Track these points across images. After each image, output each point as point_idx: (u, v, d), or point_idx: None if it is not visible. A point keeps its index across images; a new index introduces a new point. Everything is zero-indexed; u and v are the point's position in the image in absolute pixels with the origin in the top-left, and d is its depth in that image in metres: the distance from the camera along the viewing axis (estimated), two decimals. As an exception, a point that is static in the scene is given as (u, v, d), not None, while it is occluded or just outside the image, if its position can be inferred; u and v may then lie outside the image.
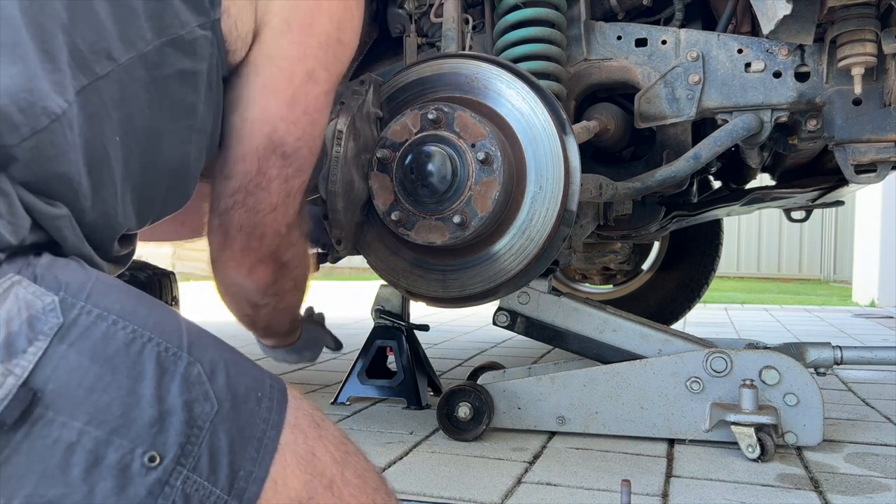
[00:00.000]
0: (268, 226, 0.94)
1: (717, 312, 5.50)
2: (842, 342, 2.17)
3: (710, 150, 1.73)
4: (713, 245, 3.24)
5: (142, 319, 0.66)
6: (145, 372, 0.64)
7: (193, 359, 0.67)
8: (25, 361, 0.60)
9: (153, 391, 0.64)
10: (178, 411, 0.64)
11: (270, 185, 0.93)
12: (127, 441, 0.62)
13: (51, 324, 0.61)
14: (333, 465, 0.72)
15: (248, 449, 0.67)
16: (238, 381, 0.70)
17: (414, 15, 1.88)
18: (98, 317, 0.64)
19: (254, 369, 0.73)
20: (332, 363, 2.96)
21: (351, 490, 0.72)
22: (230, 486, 0.66)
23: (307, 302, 1.26)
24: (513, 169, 1.39)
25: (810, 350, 1.83)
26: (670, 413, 1.72)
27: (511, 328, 1.89)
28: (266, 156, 0.92)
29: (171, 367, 0.66)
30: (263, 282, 1.01)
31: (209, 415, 0.66)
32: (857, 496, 1.39)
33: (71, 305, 0.63)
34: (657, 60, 1.75)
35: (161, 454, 0.63)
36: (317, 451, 0.72)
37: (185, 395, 0.65)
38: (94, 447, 0.61)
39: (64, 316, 0.62)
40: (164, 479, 0.62)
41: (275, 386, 0.73)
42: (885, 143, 1.64)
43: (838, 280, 10.36)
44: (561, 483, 1.45)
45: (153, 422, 0.63)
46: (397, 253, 1.49)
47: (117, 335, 0.64)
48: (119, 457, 0.61)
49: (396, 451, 1.65)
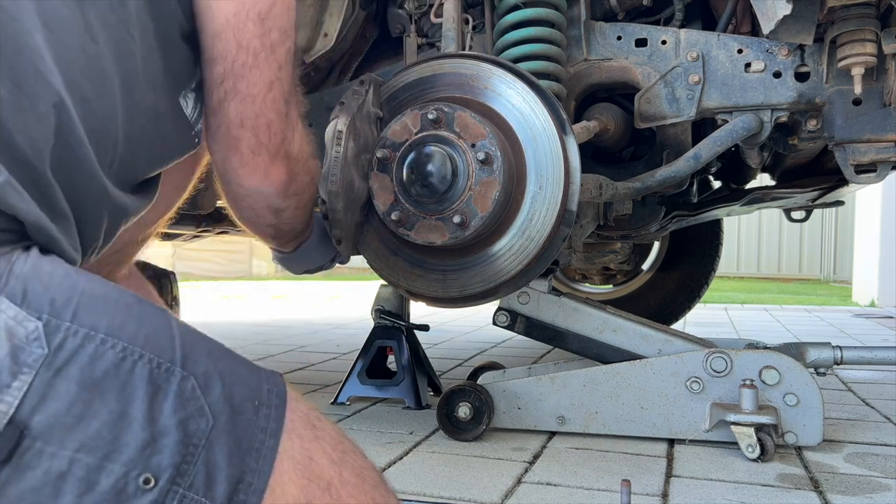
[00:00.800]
0: (269, 110, 0.88)
1: (717, 312, 5.50)
2: (842, 342, 2.17)
3: (710, 150, 1.73)
4: (713, 245, 3.24)
5: (131, 335, 0.64)
6: (136, 393, 0.62)
7: (187, 372, 0.65)
8: (10, 397, 0.57)
9: (145, 413, 0.62)
10: (173, 431, 0.63)
11: (257, 60, 0.85)
12: (119, 466, 0.60)
13: (35, 355, 0.58)
14: (331, 466, 0.72)
15: (246, 460, 0.66)
16: (234, 392, 0.68)
17: (414, 15, 1.88)
18: (85, 337, 0.61)
19: (251, 376, 0.72)
20: (331, 363, 2.96)
21: (349, 490, 0.72)
22: (229, 501, 0.65)
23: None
24: (513, 169, 1.39)
25: (810, 350, 1.83)
26: (670, 413, 1.72)
27: (511, 328, 1.89)
28: (242, 24, 0.84)
29: (163, 384, 0.64)
30: (282, 182, 0.95)
31: (205, 431, 0.64)
32: (857, 496, 1.39)
33: (56, 328, 0.60)
34: (657, 60, 1.75)
35: (156, 476, 0.61)
36: (314, 455, 0.71)
37: (180, 413, 0.64)
38: (85, 474, 0.59)
39: (48, 344, 0.59)
40: (160, 501, 0.61)
41: (272, 390, 0.72)
42: (885, 143, 1.64)
43: (838, 280, 10.36)
44: (561, 483, 1.45)
45: (146, 444, 0.61)
46: (397, 253, 1.49)
47: (106, 355, 0.61)
48: (112, 482, 0.60)
49: (396, 451, 1.65)
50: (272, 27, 0.85)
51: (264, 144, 0.89)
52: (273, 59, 0.86)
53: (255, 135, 0.87)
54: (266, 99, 0.87)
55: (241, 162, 0.90)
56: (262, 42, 0.85)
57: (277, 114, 0.88)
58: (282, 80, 0.88)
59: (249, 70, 0.85)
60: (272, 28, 0.85)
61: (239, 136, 0.87)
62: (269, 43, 0.85)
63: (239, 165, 0.90)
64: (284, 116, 0.90)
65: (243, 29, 0.83)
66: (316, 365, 2.92)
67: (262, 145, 0.89)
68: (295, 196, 1.01)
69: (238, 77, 0.85)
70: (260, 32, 0.84)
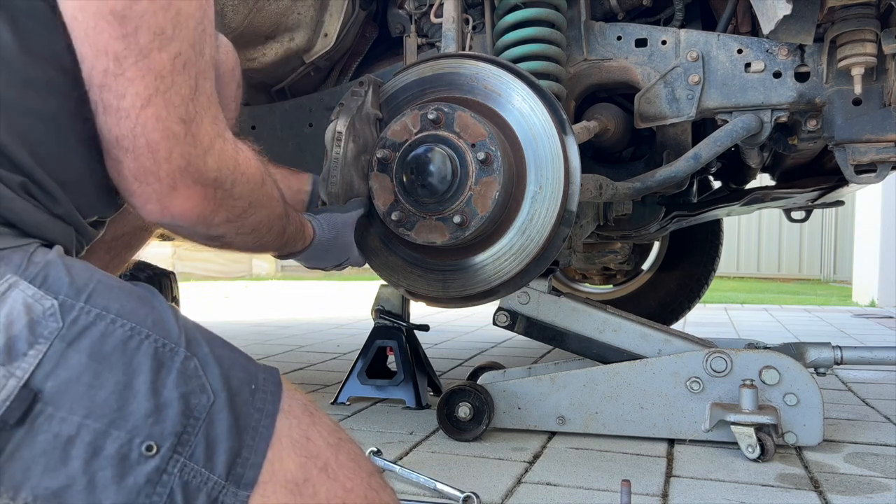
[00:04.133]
0: (151, 129, 0.73)
1: (717, 312, 5.50)
2: (842, 342, 2.17)
3: (710, 150, 1.73)
4: (713, 245, 3.24)
5: (140, 318, 0.69)
6: (142, 367, 0.66)
7: (190, 353, 0.70)
8: (26, 364, 0.63)
9: (150, 385, 0.66)
10: (175, 403, 0.67)
11: (122, 67, 0.71)
12: (124, 432, 0.65)
13: (50, 328, 0.64)
14: (328, 448, 0.75)
15: (243, 437, 0.70)
16: (232, 374, 0.72)
17: (414, 15, 1.88)
18: (97, 316, 0.66)
19: (248, 364, 0.75)
20: (332, 363, 2.97)
21: (346, 472, 0.75)
22: (227, 472, 0.68)
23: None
24: (513, 169, 1.39)
25: (810, 350, 1.83)
26: (670, 413, 1.72)
27: (511, 328, 1.89)
28: (92, 23, 0.71)
29: (167, 361, 0.68)
30: (193, 212, 0.79)
31: (205, 406, 0.68)
32: (857, 496, 1.39)
33: (70, 307, 0.65)
34: (657, 61, 1.75)
35: (158, 443, 0.65)
36: (311, 436, 0.74)
37: (182, 387, 0.68)
38: (92, 439, 0.64)
39: (63, 319, 0.65)
40: (161, 467, 0.65)
41: (268, 379, 0.75)
42: (885, 143, 1.64)
43: (838, 280, 10.36)
44: (561, 483, 1.45)
45: (150, 413, 0.66)
46: (397, 253, 1.49)
47: (115, 333, 0.66)
48: (117, 447, 0.64)
49: (396, 451, 1.65)
50: (139, 27, 0.71)
51: (151, 171, 0.74)
52: (146, 67, 0.72)
53: (135, 159, 0.74)
54: (142, 115, 0.72)
55: (128, 191, 0.77)
56: (127, 45, 0.71)
57: (165, 134, 0.73)
58: (169, 94, 0.73)
59: (114, 79, 0.72)
60: (139, 28, 0.71)
61: (118, 157, 0.74)
62: (137, 47, 0.71)
63: (128, 195, 0.78)
64: (181, 137, 0.74)
65: (95, 28, 0.71)
66: (316, 365, 2.92)
67: (149, 172, 0.74)
68: (230, 223, 0.86)
69: (102, 87, 0.72)
70: (120, 34, 0.71)
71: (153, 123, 0.73)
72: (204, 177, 0.78)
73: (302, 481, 0.71)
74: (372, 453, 1.48)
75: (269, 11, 1.73)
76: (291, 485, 0.71)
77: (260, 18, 1.73)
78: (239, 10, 1.66)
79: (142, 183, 0.75)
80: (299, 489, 0.71)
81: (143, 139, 0.73)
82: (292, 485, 0.71)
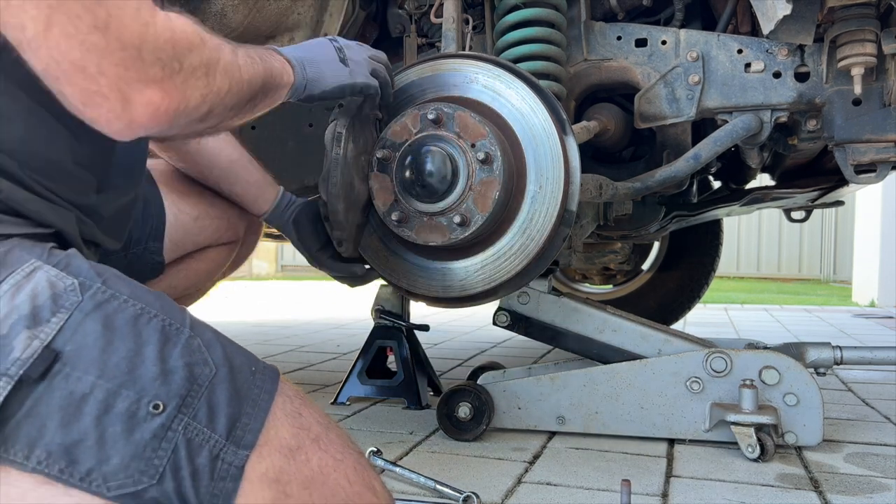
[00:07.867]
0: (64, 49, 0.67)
1: (717, 312, 5.50)
2: (842, 342, 2.17)
3: (710, 151, 1.73)
4: (713, 245, 3.24)
5: (150, 301, 0.77)
6: (150, 339, 0.74)
7: (194, 334, 0.77)
8: (49, 328, 0.71)
9: (157, 353, 0.74)
10: (180, 370, 0.74)
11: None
12: (133, 392, 0.71)
13: (71, 300, 0.73)
14: (319, 426, 0.82)
15: (243, 406, 0.76)
16: (234, 357, 0.80)
17: (414, 15, 1.88)
18: (111, 295, 0.75)
19: (249, 354, 0.83)
20: (331, 363, 2.97)
21: (336, 447, 0.81)
22: (228, 433, 0.74)
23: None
24: (513, 169, 1.39)
25: (810, 350, 1.83)
26: (670, 413, 1.72)
27: (511, 328, 1.89)
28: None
29: (173, 337, 0.76)
30: (160, 112, 0.73)
31: (208, 376, 0.75)
32: (857, 496, 1.39)
33: (89, 286, 0.75)
34: (657, 61, 1.76)
35: (164, 402, 0.72)
36: (303, 413, 0.81)
37: (186, 358, 0.75)
38: (104, 397, 0.70)
39: (82, 294, 0.74)
40: (167, 424, 0.71)
41: (267, 367, 0.83)
42: (885, 143, 1.64)
43: (838, 280, 10.36)
44: (561, 483, 1.45)
45: (157, 376, 0.72)
46: (397, 253, 1.49)
47: (127, 310, 0.75)
48: (126, 405, 0.71)
49: (396, 451, 1.65)
50: None
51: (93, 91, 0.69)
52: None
53: (70, 84, 0.69)
54: (50, 39, 0.66)
55: (90, 120, 0.72)
56: None
57: (83, 49, 0.67)
58: (67, 5, 0.66)
59: (9, 12, 0.66)
60: None
61: (59, 90, 0.70)
62: None
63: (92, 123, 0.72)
64: (104, 46, 0.68)
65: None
66: (316, 365, 2.92)
67: (92, 93, 0.69)
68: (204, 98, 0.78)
69: (6, 25, 0.67)
70: None
71: (66, 43, 0.66)
72: (149, 75, 0.71)
73: (296, 448, 0.78)
74: (372, 453, 1.47)
75: (269, 11, 1.73)
76: (286, 450, 0.77)
77: (260, 18, 1.73)
78: (239, 10, 1.66)
79: (92, 106, 0.70)
80: (293, 454, 0.77)
81: (65, 63, 0.67)
82: (286, 450, 0.77)
